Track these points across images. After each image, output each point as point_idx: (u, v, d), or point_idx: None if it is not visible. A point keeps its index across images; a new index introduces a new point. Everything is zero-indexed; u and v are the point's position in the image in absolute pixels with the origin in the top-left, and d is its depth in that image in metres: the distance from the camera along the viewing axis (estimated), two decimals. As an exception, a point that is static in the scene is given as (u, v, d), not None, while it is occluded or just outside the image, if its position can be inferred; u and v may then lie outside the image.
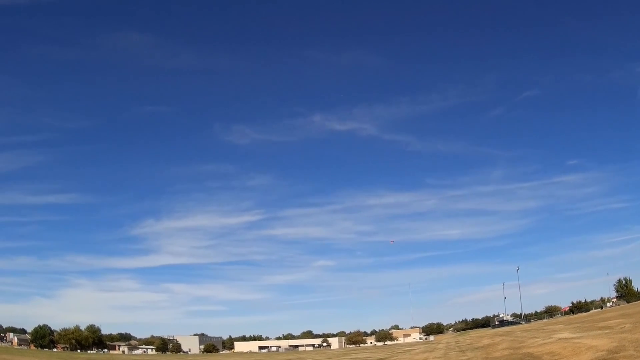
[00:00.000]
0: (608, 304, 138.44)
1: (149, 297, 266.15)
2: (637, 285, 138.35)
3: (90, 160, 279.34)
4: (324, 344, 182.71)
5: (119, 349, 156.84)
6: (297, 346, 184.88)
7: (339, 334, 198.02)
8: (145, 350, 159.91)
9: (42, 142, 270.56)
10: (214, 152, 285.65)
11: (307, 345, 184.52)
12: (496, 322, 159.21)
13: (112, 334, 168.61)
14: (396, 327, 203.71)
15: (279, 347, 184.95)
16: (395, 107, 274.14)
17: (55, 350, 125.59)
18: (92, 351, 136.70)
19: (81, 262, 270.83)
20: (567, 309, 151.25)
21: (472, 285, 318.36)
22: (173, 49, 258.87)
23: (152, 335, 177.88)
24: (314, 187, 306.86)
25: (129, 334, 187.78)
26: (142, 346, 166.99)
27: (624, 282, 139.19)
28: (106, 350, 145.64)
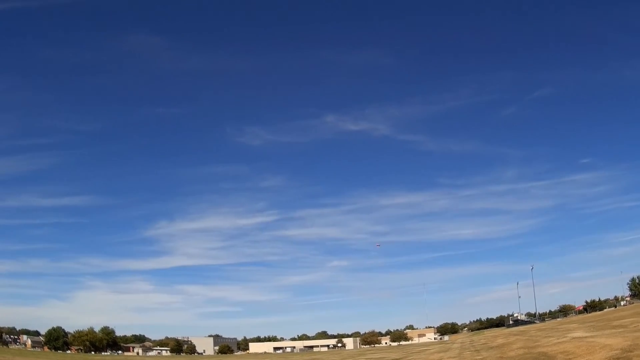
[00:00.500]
0: (622, 303, 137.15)
1: (163, 299, 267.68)
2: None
3: (103, 162, 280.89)
4: (339, 344, 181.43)
5: (133, 351, 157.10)
6: (311, 347, 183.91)
7: (354, 335, 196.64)
8: (159, 351, 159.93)
9: (55, 145, 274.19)
10: (227, 154, 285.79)
11: (321, 345, 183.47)
12: (510, 322, 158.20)
13: (126, 335, 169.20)
14: (411, 327, 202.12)
15: (294, 347, 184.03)
16: (408, 106, 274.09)
17: (69, 352, 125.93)
18: (106, 353, 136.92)
19: (95, 264, 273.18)
20: (581, 307, 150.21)
21: (486, 285, 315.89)
22: (184, 50, 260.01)
23: (167, 337, 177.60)
24: (327, 187, 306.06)
25: (143, 335, 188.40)
26: (156, 347, 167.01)
27: (638, 280, 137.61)
28: (120, 352, 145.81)
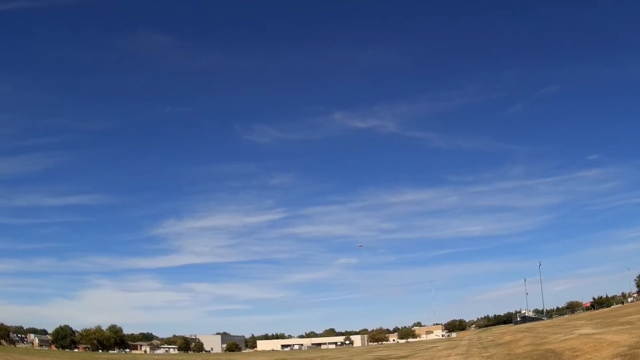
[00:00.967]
0: (629, 299, 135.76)
1: (171, 297, 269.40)
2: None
3: (110, 161, 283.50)
4: (347, 341, 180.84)
5: (141, 349, 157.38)
6: (319, 344, 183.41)
7: (362, 332, 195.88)
8: (167, 349, 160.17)
9: (62, 144, 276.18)
10: (235, 152, 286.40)
11: (329, 343, 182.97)
12: (518, 319, 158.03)
13: (134, 334, 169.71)
14: (418, 325, 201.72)
15: (302, 345, 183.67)
16: (416, 104, 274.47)
17: (76, 350, 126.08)
18: (113, 351, 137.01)
19: (102, 262, 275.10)
20: (588, 304, 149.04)
21: (494, 282, 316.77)
22: (193, 49, 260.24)
23: (174, 335, 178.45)
24: (335, 185, 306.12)
25: (151, 333, 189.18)
26: (164, 346, 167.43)
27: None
28: (128, 350, 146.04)
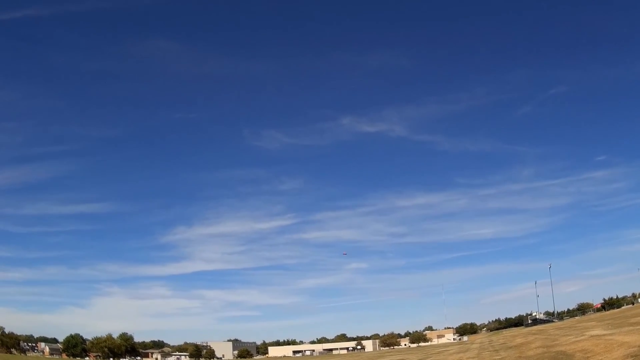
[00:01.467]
0: (639, 300, 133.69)
1: (182, 304, 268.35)
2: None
3: (120, 168, 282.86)
4: (358, 346, 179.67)
5: (152, 356, 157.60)
6: (331, 349, 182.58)
7: (373, 337, 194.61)
8: (178, 357, 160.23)
9: (72, 152, 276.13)
10: (244, 158, 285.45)
11: (341, 348, 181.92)
12: (529, 321, 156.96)
13: (145, 341, 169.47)
14: (430, 328, 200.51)
15: (313, 350, 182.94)
16: (424, 107, 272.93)
17: (87, 358, 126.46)
18: (125, 359, 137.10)
19: (113, 270, 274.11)
20: (599, 305, 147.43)
21: (504, 284, 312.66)
22: (201, 55, 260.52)
23: (186, 342, 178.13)
24: (345, 189, 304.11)
25: (162, 341, 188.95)
26: (175, 353, 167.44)
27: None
28: (139, 358, 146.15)
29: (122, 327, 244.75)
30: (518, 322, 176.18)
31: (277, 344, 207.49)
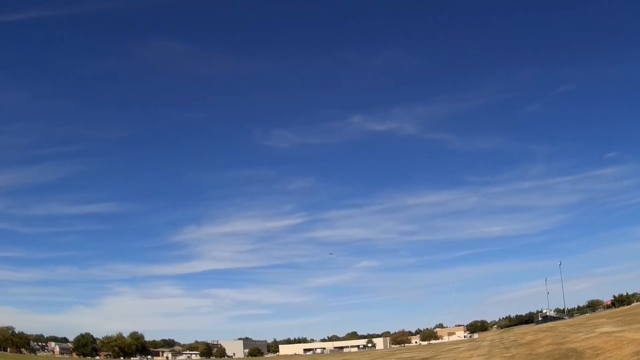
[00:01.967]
0: None
1: (193, 303, 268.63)
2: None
3: (129, 168, 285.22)
4: (369, 344, 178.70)
5: (163, 355, 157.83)
6: (342, 347, 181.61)
7: (384, 334, 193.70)
8: (189, 355, 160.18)
9: (81, 152, 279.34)
10: (254, 157, 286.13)
11: (352, 346, 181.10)
12: (539, 318, 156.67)
13: (155, 340, 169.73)
14: (440, 326, 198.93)
15: (324, 349, 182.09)
16: (433, 105, 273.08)
17: (97, 358, 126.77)
18: (135, 358, 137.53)
19: (123, 270, 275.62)
20: (609, 302, 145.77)
21: (514, 282, 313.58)
22: (209, 55, 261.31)
23: (196, 341, 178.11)
24: (355, 188, 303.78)
25: (173, 340, 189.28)
26: (186, 352, 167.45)
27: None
28: (150, 357, 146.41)
29: (132, 326, 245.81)
30: (528, 319, 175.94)
31: (288, 342, 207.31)
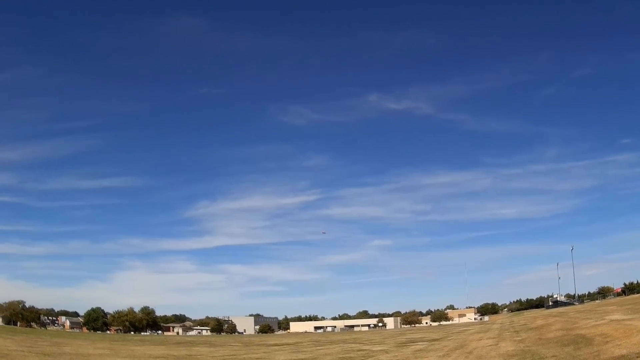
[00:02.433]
0: None
1: (205, 279, 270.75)
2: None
3: (144, 143, 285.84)
4: (380, 324, 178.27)
5: (173, 330, 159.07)
6: (352, 326, 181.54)
7: (395, 314, 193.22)
8: (199, 331, 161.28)
9: (96, 127, 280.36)
10: (270, 133, 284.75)
11: (362, 325, 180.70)
12: (550, 303, 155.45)
13: (166, 315, 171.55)
14: (451, 307, 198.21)
15: (335, 327, 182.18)
16: (450, 85, 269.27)
17: (108, 332, 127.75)
18: (145, 333, 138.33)
19: (136, 244, 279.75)
20: (619, 290, 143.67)
21: (526, 265, 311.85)
22: (227, 31, 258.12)
23: (207, 317, 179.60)
24: (369, 166, 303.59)
25: (184, 315, 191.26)
26: (196, 327, 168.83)
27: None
28: (160, 332, 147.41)
29: (144, 301, 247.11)
30: (539, 303, 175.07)
31: (299, 319, 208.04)
